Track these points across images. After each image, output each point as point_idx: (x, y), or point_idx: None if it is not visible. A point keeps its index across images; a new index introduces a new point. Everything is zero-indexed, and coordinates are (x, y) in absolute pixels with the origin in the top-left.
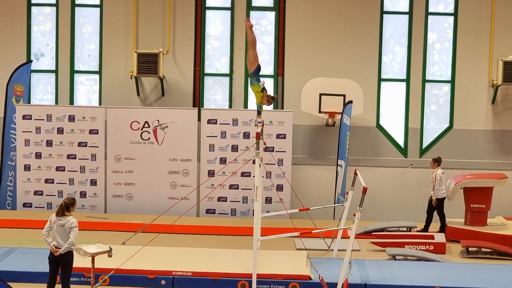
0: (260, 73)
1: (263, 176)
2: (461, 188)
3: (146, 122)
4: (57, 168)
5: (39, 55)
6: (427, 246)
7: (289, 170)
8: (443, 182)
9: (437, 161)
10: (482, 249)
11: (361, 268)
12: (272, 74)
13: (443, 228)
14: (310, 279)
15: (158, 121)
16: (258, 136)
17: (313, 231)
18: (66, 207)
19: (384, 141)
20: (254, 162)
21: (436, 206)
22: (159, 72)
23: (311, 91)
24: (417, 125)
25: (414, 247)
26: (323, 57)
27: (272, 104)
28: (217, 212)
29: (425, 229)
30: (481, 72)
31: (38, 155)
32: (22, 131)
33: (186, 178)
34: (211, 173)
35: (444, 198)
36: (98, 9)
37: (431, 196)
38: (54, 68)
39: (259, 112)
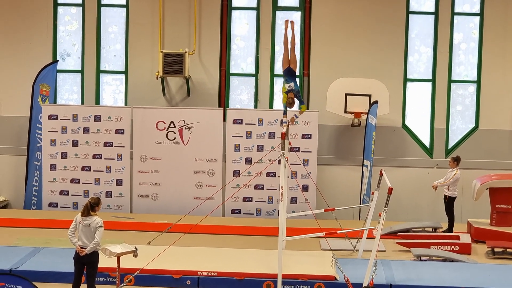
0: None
1: (288, 177)
2: (487, 189)
3: (172, 122)
4: (83, 168)
5: (65, 55)
6: (453, 247)
7: (315, 170)
8: (458, 182)
9: (456, 161)
10: (508, 250)
11: (387, 269)
12: (298, 74)
13: (451, 228)
14: (336, 279)
15: (184, 121)
16: (284, 136)
17: (338, 232)
18: (91, 207)
19: (410, 142)
20: (279, 162)
21: (448, 204)
22: (185, 72)
23: (337, 91)
24: (442, 125)
25: (439, 247)
26: (349, 57)
27: (298, 104)
28: (243, 212)
29: (450, 229)
30: (507, 72)
31: (64, 155)
32: (48, 131)
33: (212, 178)
34: (236, 173)
35: (455, 197)
36: (124, 9)
37: (445, 195)
38: (80, 68)
39: (285, 112)
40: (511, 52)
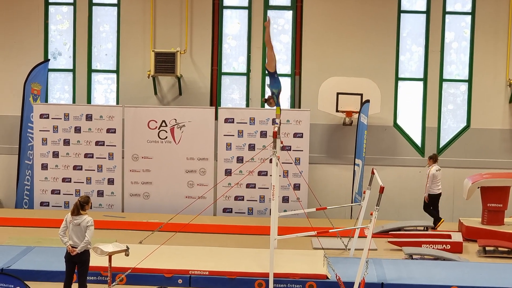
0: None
1: (280, 175)
2: (478, 188)
3: (164, 121)
4: (74, 167)
5: (56, 54)
6: (444, 246)
7: (306, 169)
8: (438, 178)
9: (432, 158)
10: (499, 249)
11: (378, 267)
12: (289, 73)
13: (436, 223)
14: (327, 278)
15: (175, 120)
16: (275, 135)
17: (330, 230)
18: (81, 206)
19: (401, 140)
20: (271, 161)
21: (430, 202)
22: (177, 71)
23: (328, 90)
24: (434, 124)
25: (431, 246)
26: (341, 56)
27: (290, 103)
28: (234, 211)
29: (435, 225)
30: (498, 71)
31: (56, 154)
32: (40, 130)
33: (203, 177)
34: (228, 172)
35: (440, 194)
36: (116, 8)
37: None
38: (71, 67)
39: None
40: (503, 51)
